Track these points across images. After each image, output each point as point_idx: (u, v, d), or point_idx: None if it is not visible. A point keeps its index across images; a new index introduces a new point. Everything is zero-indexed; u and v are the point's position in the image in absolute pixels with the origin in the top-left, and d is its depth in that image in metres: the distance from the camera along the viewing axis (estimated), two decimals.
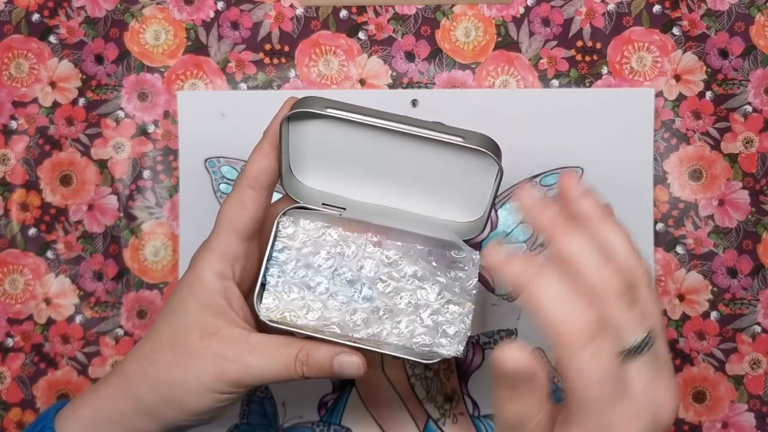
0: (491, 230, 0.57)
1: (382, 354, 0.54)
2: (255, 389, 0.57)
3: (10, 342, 0.56)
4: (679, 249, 0.57)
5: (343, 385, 0.58)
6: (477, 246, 0.56)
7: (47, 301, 0.57)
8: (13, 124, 0.55)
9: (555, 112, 0.56)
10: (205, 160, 0.56)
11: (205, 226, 0.49)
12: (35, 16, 0.56)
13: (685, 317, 0.58)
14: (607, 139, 0.56)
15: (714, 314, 0.57)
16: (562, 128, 0.56)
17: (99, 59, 0.56)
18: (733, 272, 0.57)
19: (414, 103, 0.56)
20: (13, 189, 0.56)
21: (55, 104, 0.56)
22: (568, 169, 0.56)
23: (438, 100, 0.56)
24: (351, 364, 0.43)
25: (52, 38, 0.56)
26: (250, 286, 0.45)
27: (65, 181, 0.56)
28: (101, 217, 0.57)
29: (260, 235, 0.45)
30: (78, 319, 0.57)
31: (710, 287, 0.57)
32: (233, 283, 0.44)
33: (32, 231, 0.56)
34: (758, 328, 0.55)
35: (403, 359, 0.53)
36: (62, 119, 0.56)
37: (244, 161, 0.51)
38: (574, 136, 0.56)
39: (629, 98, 0.56)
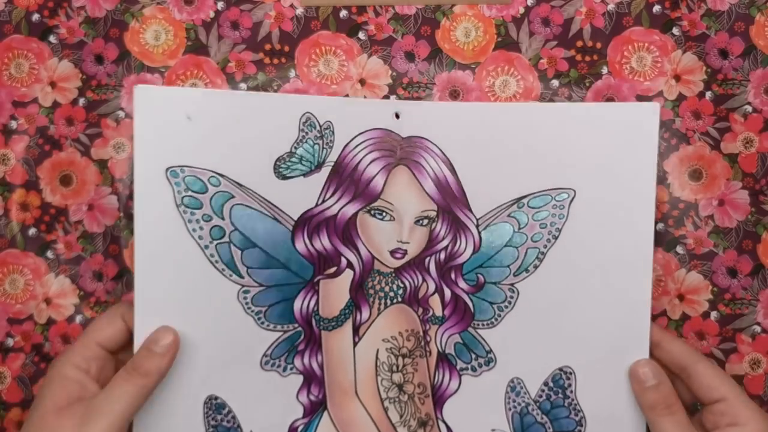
0: (474, 252, 0.54)
1: (355, 377, 0.51)
2: (219, 420, 0.53)
3: (10, 342, 0.56)
4: (679, 249, 0.57)
5: (314, 410, 0.55)
6: (458, 269, 0.54)
7: (47, 301, 0.56)
8: (13, 124, 0.54)
9: (546, 127, 0.53)
10: (167, 170, 0.51)
11: (165, 248, 0.48)
12: (35, 16, 0.55)
13: (685, 317, 0.57)
14: (604, 158, 0.53)
15: (714, 314, 0.56)
16: (553, 145, 0.53)
17: (99, 59, 0.55)
18: (733, 272, 0.55)
19: (397, 115, 0.53)
20: (13, 189, 0.55)
21: (55, 104, 0.55)
22: (559, 190, 0.53)
23: (422, 114, 0.53)
24: (161, 333, 0.48)
25: (52, 38, 0.55)
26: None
27: (65, 181, 0.55)
28: (101, 217, 0.56)
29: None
30: (78, 319, 0.57)
31: (710, 287, 0.56)
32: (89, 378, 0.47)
33: (32, 231, 0.55)
34: (758, 328, 0.54)
35: (377, 379, 0.52)
36: (62, 119, 0.55)
37: (213, 172, 0.50)
38: (567, 153, 0.53)
39: (631, 113, 0.53)
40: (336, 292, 0.55)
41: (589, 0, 0.55)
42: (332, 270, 0.54)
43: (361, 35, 0.58)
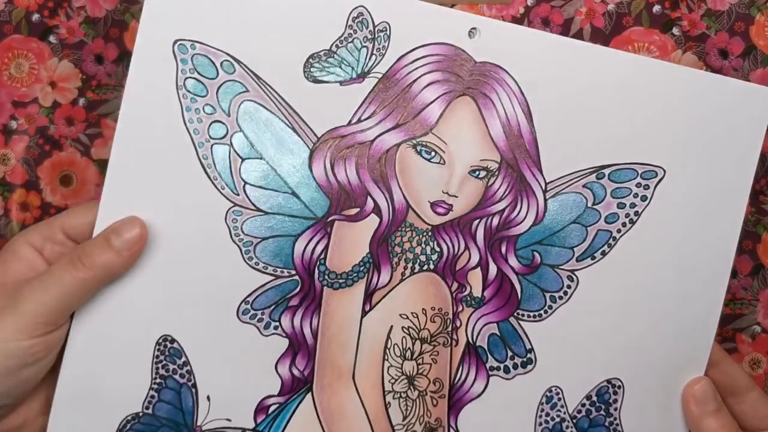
0: (534, 223, 0.43)
1: (356, 357, 0.39)
2: (170, 371, 0.40)
3: (13, 124, 0.54)
4: None
5: (295, 388, 0.41)
6: (512, 241, 0.42)
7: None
8: (13, 124, 0.54)
9: (641, 87, 0.43)
10: (174, 43, 0.40)
11: (152, 135, 0.40)
12: (35, 16, 0.54)
13: None
14: (702, 138, 0.44)
15: None
16: (646, 110, 0.43)
17: (99, 59, 0.54)
18: (733, 272, 0.53)
19: (472, 33, 0.42)
20: (13, 189, 0.54)
21: (55, 104, 0.54)
22: (646, 166, 0.43)
23: (504, 37, 0.43)
24: (126, 224, 0.39)
25: (52, 38, 0.54)
26: None
27: (65, 181, 0.54)
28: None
29: None
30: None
31: None
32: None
33: None
34: (758, 328, 0.53)
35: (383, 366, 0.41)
36: (62, 119, 0.54)
37: (228, 55, 0.40)
38: (663, 124, 0.43)
39: (743, 94, 0.44)
40: (352, 240, 0.42)
41: (589, 0, 0.53)
42: (353, 212, 0.42)
43: None
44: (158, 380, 0.41)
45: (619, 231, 0.44)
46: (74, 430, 0.40)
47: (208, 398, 0.41)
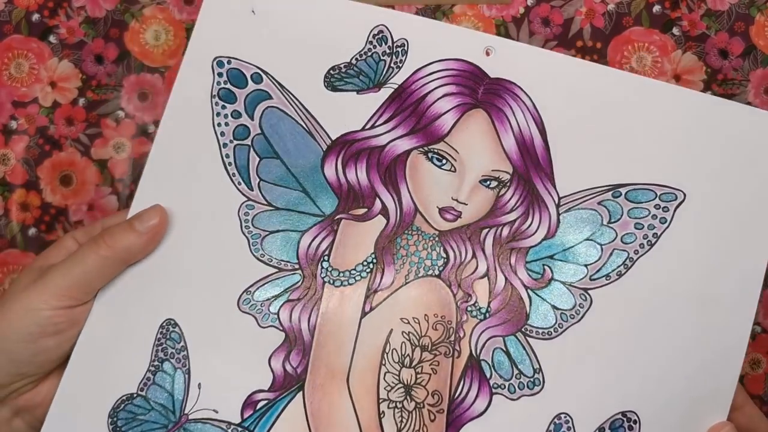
0: (546, 236, 0.42)
1: (352, 359, 0.38)
2: (168, 354, 0.40)
3: (13, 124, 0.54)
4: None
5: (286, 385, 0.40)
6: (522, 253, 0.42)
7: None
8: (13, 124, 0.53)
9: (660, 112, 0.43)
10: (214, 59, 0.43)
11: (186, 136, 0.42)
12: (35, 16, 0.54)
13: None
14: (725, 163, 0.42)
15: None
16: (666, 134, 0.43)
17: (99, 59, 0.54)
18: None
19: (488, 53, 0.43)
20: (13, 189, 0.53)
21: (55, 104, 0.54)
22: (665, 188, 0.42)
23: (519, 57, 0.44)
24: (149, 212, 0.41)
25: (52, 38, 0.54)
26: None
27: (65, 181, 0.54)
28: (101, 217, 0.53)
29: None
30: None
31: None
32: None
33: (32, 231, 0.53)
34: (758, 328, 0.52)
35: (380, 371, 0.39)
36: (62, 119, 0.54)
37: (258, 68, 0.43)
38: (684, 147, 0.42)
39: (759, 122, 0.43)
40: (358, 239, 0.42)
41: (589, 0, 0.53)
42: (361, 211, 0.42)
43: None
44: (156, 362, 0.41)
45: (636, 252, 0.42)
46: (77, 403, 0.40)
47: (199, 386, 0.41)
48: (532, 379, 0.40)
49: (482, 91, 0.43)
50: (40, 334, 0.39)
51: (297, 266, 0.41)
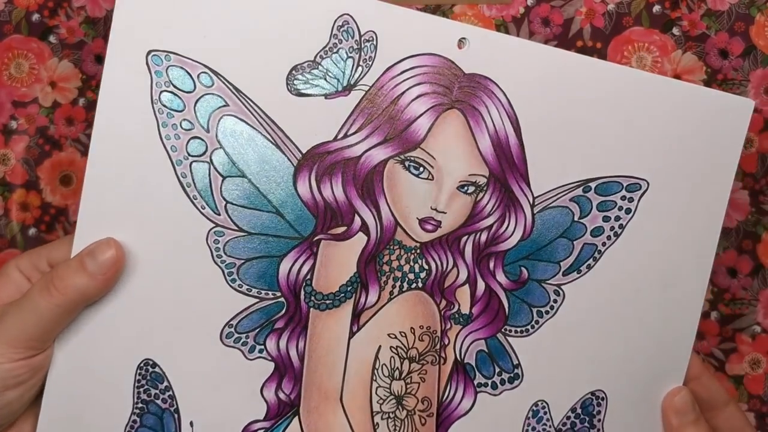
0: (522, 238, 0.42)
1: (344, 378, 0.38)
2: (152, 395, 0.38)
3: (13, 124, 0.53)
4: None
5: (281, 412, 0.40)
6: (500, 257, 0.42)
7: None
8: (13, 124, 0.53)
9: (628, 99, 0.42)
10: (148, 54, 0.38)
11: (128, 153, 0.37)
12: (35, 16, 0.53)
13: None
14: (683, 149, 0.43)
15: (714, 314, 0.54)
16: (632, 122, 0.43)
17: (99, 59, 0.53)
18: (733, 272, 0.54)
19: (461, 43, 0.40)
20: (13, 189, 0.53)
21: (55, 104, 0.53)
22: (630, 179, 0.42)
23: (496, 48, 0.41)
24: (101, 246, 0.37)
25: (52, 38, 0.53)
26: None
27: (65, 181, 0.53)
28: None
29: None
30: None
31: (710, 287, 0.53)
32: None
33: (32, 231, 0.53)
34: (758, 328, 0.53)
35: (372, 386, 0.40)
36: (62, 119, 0.53)
37: (206, 67, 0.38)
38: (647, 135, 0.43)
39: (722, 104, 0.44)
40: (340, 260, 0.40)
41: (589, 0, 0.53)
42: (340, 230, 0.40)
43: None
44: (140, 405, 0.39)
45: (604, 244, 0.43)
46: None
47: (191, 424, 0.39)
48: (512, 375, 0.43)
49: (456, 89, 0.40)
50: (2, 389, 0.37)
51: (279, 294, 0.40)
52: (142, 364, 0.39)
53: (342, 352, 0.40)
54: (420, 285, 0.41)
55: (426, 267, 0.41)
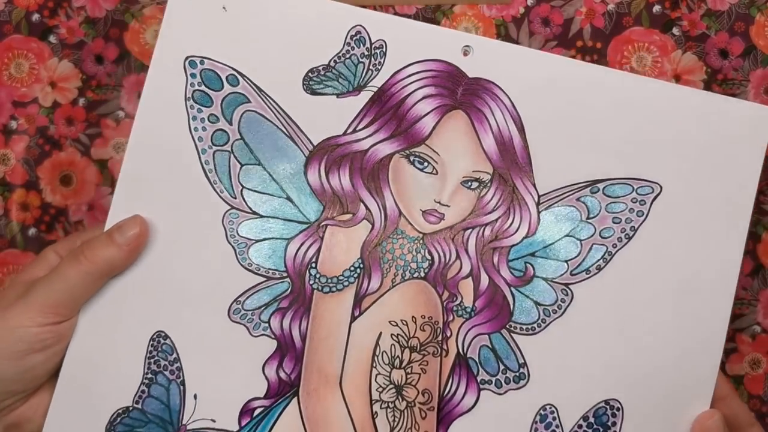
0: (527, 235, 0.43)
1: (344, 363, 0.39)
2: (161, 366, 0.41)
3: (13, 124, 0.54)
4: None
5: (281, 391, 0.41)
6: (504, 253, 0.42)
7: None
8: (13, 124, 0.53)
9: (636, 105, 0.43)
10: (185, 59, 0.43)
11: (161, 142, 0.42)
12: (35, 16, 0.54)
13: None
14: (700, 156, 0.43)
15: None
16: (642, 127, 0.43)
17: (99, 59, 0.54)
18: None
19: (466, 52, 0.43)
20: (13, 189, 0.53)
21: (55, 104, 0.54)
22: (642, 182, 0.42)
23: (498, 55, 0.44)
24: (129, 222, 0.41)
25: (52, 38, 0.54)
26: None
27: (65, 181, 0.54)
28: (101, 217, 0.51)
29: None
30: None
31: None
32: None
33: (32, 231, 0.53)
34: (758, 328, 0.52)
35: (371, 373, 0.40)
36: (62, 119, 0.54)
37: (234, 70, 0.42)
38: (660, 141, 0.43)
39: (742, 113, 0.44)
40: (344, 245, 0.42)
41: (589, 0, 0.53)
42: (346, 217, 0.42)
43: None
44: (149, 375, 0.41)
45: (614, 246, 0.43)
46: (71, 418, 0.40)
47: (195, 397, 0.41)
48: (517, 374, 0.42)
49: (461, 91, 0.43)
50: (27, 351, 0.39)
51: (285, 274, 0.42)
52: (155, 336, 0.41)
53: (343, 335, 0.42)
54: (422, 275, 0.42)
55: (429, 258, 0.42)
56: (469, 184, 0.42)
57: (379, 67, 0.43)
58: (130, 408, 0.41)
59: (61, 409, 0.40)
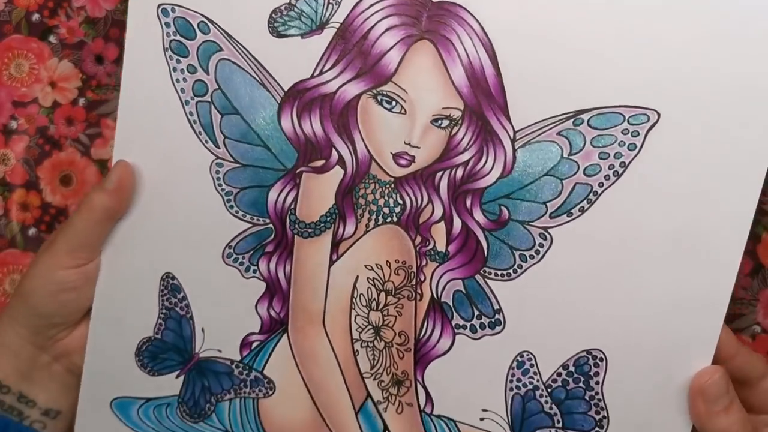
0: (502, 175, 0.39)
1: (325, 304, 0.39)
2: (173, 303, 0.45)
3: (13, 124, 0.55)
4: None
5: (273, 328, 0.44)
6: (477, 194, 0.39)
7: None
8: (13, 124, 0.53)
9: (628, 19, 0.37)
10: (158, 7, 0.42)
11: (149, 96, 0.43)
12: (35, 16, 0.53)
13: None
14: (708, 75, 0.36)
15: None
16: (636, 45, 0.36)
17: (99, 59, 0.53)
18: None
19: None
20: (13, 189, 0.53)
21: (55, 104, 0.53)
22: (635, 109, 0.36)
23: None
24: (114, 168, 0.44)
25: (52, 38, 0.53)
26: None
27: (65, 181, 0.54)
28: None
29: None
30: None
31: None
32: None
33: (32, 231, 0.54)
34: (758, 328, 0.50)
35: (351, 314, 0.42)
36: (62, 119, 0.53)
37: (203, 16, 0.42)
38: (657, 60, 0.36)
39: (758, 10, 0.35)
40: (319, 191, 0.42)
41: None
42: (319, 163, 0.42)
43: None
44: (164, 311, 0.46)
45: (600, 185, 0.38)
46: (106, 346, 0.48)
47: (203, 330, 0.46)
48: (492, 320, 0.41)
49: (425, 19, 0.39)
50: (60, 291, 0.45)
51: (268, 221, 0.44)
52: (164, 276, 0.46)
53: (323, 278, 0.43)
54: (395, 219, 0.42)
55: (400, 202, 0.41)
56: (439, 122, 0.40)
57: (339, 1, 0.40)
58: (152, 338, 0.47)
59: (97, 340, 0.47)
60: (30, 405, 0.46)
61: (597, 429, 0.40)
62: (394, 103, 0.40)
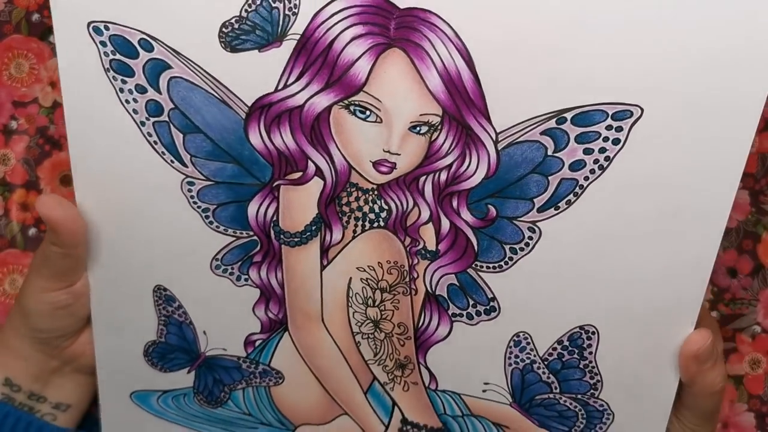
0: (487, 176, 0.38)
1: (322, 305, 0.40)
2: (170, 312, 0.45)
3: (14, 124, 0.55)
4: None
5: (273, 327, 0.45)
6: (463, 196, 0.38)
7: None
8: (13, 124, 0.53)
9: (607, 15, 0.35)
10: (89, 25, 0.39)
11: (99, 120, 0.40)
12: (35, 16, 0.53)
13: None
14: (691, 70, 0.35)
15: (714, 314, 0.53)
16: (616, 41, 0.35)
17: None
18: (733, 272, 0.53)
19: None
20: (13, 189, 0.54)
21: (55, 104, 0.53)
22: (619, 106, 0.35)
23: None
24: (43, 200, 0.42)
25: (52, 38, 0.52)
26: None
27: (65, 181, 0.54)
28: None
29: None
30: None
31: (710, 287, 0.52)
32: None
33: (32, 231, 0.54)
34: (758, 328, 0.52)
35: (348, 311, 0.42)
36: (62, 119, 0.49)
37: (143, 33, 0.39)
38: (640, 55, 0.35)
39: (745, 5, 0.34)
40: (300, 203, 0.41)
41: None
42: (296, 175, 0.41)
43: None
44: (163, 318, 0.47)
45: (586, 178, 0.39)
46: (114, 350, 0.48)
47: (205, 333, 0.47)
48: (487, 307, 0.42)
49: (394, 26, 0.37)
50: (53, 309, 0.45)
51: (252, 233, 0.43)
52: (156, 288, 0.46)
53: (316, 282, 0.43)
54: (382, 224, 0.42)
55: (386, 207, 0.41)
56: (418, 129, 0.39)
57: (296, 10, 0.37)
58: (157, 341, 0.47)
59: (103, 347, 0.48)
60: (41, 401, 0.48)
61: (592, 391, 0.43)
62: (368, 112, 0.38)
